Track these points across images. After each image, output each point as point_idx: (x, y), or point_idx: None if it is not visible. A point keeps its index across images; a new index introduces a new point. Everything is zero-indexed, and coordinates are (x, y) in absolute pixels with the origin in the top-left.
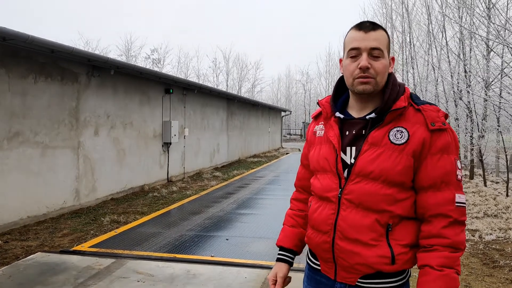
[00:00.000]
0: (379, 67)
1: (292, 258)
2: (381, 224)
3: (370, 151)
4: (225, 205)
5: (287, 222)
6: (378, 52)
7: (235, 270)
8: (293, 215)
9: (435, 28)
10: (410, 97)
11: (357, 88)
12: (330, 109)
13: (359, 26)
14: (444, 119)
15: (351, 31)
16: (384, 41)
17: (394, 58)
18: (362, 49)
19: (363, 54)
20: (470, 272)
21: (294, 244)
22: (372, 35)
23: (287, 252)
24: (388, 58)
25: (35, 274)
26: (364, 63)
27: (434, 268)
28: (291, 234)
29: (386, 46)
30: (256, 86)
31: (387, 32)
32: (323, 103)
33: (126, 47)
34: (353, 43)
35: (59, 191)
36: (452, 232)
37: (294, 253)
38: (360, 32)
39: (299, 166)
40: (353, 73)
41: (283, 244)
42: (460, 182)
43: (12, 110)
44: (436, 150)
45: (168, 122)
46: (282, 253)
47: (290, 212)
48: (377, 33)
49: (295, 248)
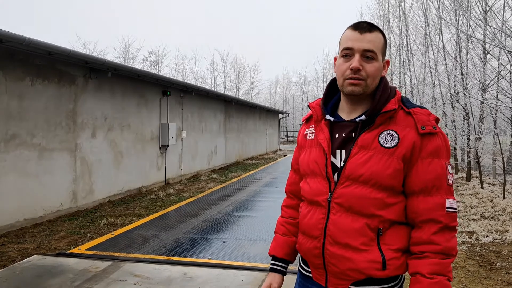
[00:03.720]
0: (370, 69)
1: (285, 267)
2: (371, 228)
3: (360, 154)
4: (223, 208)
5: (279, 230)
6: (371, 54)
7: (232, 272)
8: (284, 223)
9: (432, 30)
10: (401, 100)
11: (346, 89)
12: (320, 111)
13: (355, 26)
14: (435, 122)
15: (347, 30)
16: (379, 43)
17: (389, 61)
18: (355, 50)
19: (355, 55)
20: (467, 274)
21: (286, 253)
22: (367, 37)
23: (279, 261)
24: (381, 61)
25: (32, 277)
26: (356, 64)
27: (425, 276)
28: (283, 243)
29: (381, 48)
30: (254, 88)
31: (384, 35)
32: (314, 106)
33: (123, 49)
34: (347, 42)
35: (56, 193)
36: (443, 238)
37: (287, 262)
38: (355, 32)
39: (290, 171)
40: (344, 73)
41: (275, 254)
42: (451, 187)
43: (9, 112)
44: (426, 154)
45: (166, 125)
46: (275, 263)
47: (281, 219)
48: (373, 35)
49: (287, 257)
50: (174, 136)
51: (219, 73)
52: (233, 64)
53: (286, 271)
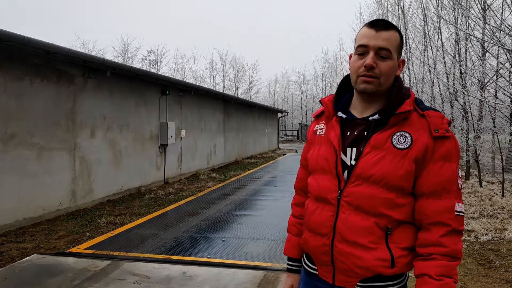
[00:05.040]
0: (384, 68)
1: (301, 266)
2: (380, 227)
3: (372, 154)
4: (222, 207)
5: (291, 230)
6: (385, 53)
7: (232, 271)
8: (295, 223)
9: (431, 29)
10: (415, 102)
11: (359, 87)
12: (332, 108)
13: (371, 23)
14: (447, 126)
15: (364, 27)
16: (395, 42)
17: (405, 61)
18: (370, 47)
19: (370, 53)
20: (466, 272)
21: (301, 254)
22: (382, 35)
23: (296, 262)
24: (396, 60)
25: (31, 276)
26: (369, 61)
27: (433, 278)
28: (297, 243)
29: (396, 47)
30: (253, 88)
31: (400, 34)
32: (326, 102)
33: (122, 49)
34: (362, 40)
35: (55, 192)
36: (451, 241)
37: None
38: (371, 30)
39: (299, 167)
40: (358, 70)
41: (291, 255)
42: (460, 191)
43: (7, 111)
44: (438, 157)
45: (165, 124)
46: (292, 264)
47: (292, 219)
48: (389, 33)
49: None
50: (173, 136)
51: (218, 72)
52: (232, 63)
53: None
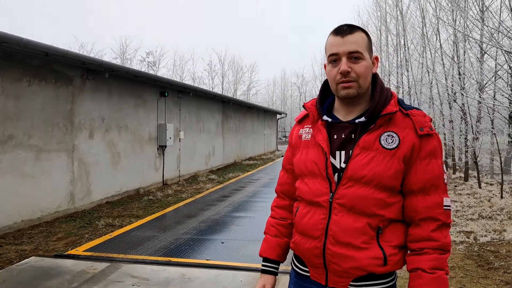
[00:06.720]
0: (360, 69)
1: (278, 268)
2: (372, 227)
3: (362, 155)
4: (221, 208)
5: (269, 231)
6: (357, 55)
7: (231, 273)
8: (275, 224)
9: (429, 31)
10: (398, 102)
11: (341, 93)
12: (316, 112)
13: (336, 31)
14: (430, 123)
15: (330, 36)
16: (363, 42)
17: (378, 57)
18: (341, 54)
19: (342, 59)
20: (465, 274)
21: (279, 255)
22: (349, 39)
23: (272, 263)
24: (369, 59)
25: (29, 278)
26: (344, 67)
27: (426, 271)
28: (275, 244)
29: (366, 47)
30: (252, 89)
31: (366, 32)
32: (309, 106)
33: (121, 50)
34: (331, 48)
35: (53, 194)
36: (441, 235)
37: (279, 263)
38: (337, 37)
39: (281, 171)
40: (335, 78)
41: (267, 255)
42: (446, 186)
43: (5, 113)
44: (425, 155)
45: (163, 125)
46: (267, 265)
47: (272, 220)
48: (355, 35)
49: (279, 259)
50: (172, 137)
51: (216, 73)
52: (230, 65)
53: (277, 272)
